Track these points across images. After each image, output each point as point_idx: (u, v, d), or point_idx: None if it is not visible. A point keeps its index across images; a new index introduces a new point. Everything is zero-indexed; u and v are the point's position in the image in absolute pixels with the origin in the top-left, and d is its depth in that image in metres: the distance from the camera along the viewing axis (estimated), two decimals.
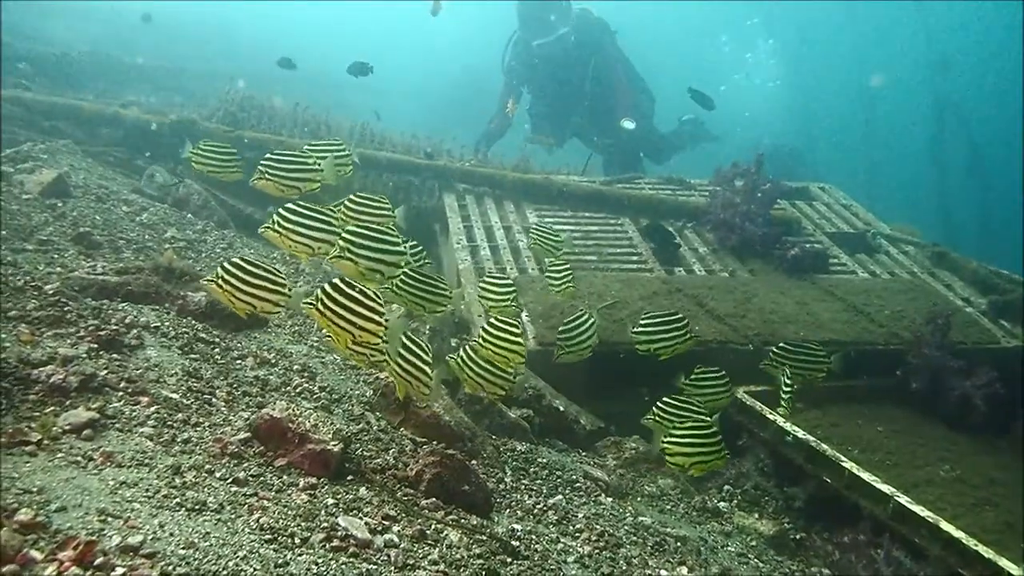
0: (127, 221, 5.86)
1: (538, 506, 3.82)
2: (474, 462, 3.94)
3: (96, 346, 3.47)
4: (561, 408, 5.20)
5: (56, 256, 4.69)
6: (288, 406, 3.27)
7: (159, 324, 3.98)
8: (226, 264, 3.04)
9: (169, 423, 3.12)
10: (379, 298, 3.04)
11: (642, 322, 4.24)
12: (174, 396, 3.33)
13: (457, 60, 23.12)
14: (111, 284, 4.23)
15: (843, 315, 6.38)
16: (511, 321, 3.59)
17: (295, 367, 4.22)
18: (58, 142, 7.19)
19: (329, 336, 3.14)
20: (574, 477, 4.41)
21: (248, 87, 9.68)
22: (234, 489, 2.81)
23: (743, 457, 5.45)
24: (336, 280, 3.02)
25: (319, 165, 3.80)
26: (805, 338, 5.77)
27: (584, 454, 5.00)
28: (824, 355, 4.33)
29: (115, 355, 3.48)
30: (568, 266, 4.67)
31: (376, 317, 3.01)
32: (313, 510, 2.82)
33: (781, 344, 4.34)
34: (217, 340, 4.13)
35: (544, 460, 4.46)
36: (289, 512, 2.75)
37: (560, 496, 4.04)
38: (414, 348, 3.18)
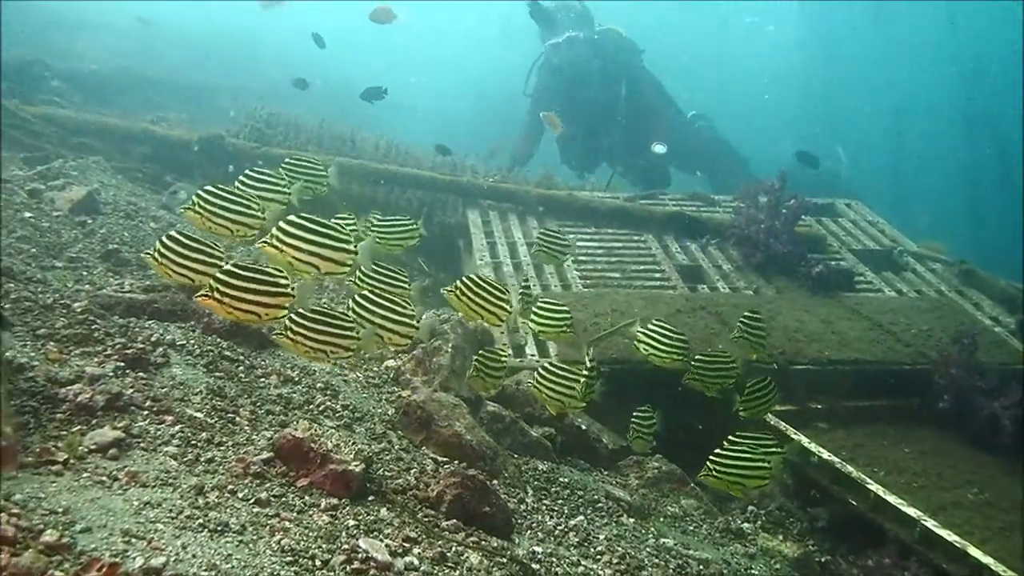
0: (155, 238, 5.93)
1: (559, 527, 3.81)
2: (495, 482, 3.93)
3: (123, 364, 3.51)
4: (583, 427, 5.18)
5: (85, 273, 4.76)
6: (310, 426, 3.29)
7: (185, 342, 4.02)
8: (164, 239, 3.06)
9: (193, 442, 3.15)
10: (280, 273, 3.03)
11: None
12: (198, 415, 3.36)
13: (484, 75, 23.14)
14: (138, 302, 4.29)
15: (869, 334, 6.32)
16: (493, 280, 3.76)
17: (318, 385, 4.25)
18: (88, 159, 7.30)
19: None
20: (596, 497, 4.39)
21: (273, 102, 9.79)
22: (256, 510, 2.83)
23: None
24: (228, 266, 2.99)
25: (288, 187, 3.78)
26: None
27: (606, 473, 4.98)
28: (733, 362, 4.32)
29: (141, 374, 3.52)
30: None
31: (281, 291, 3.01)
32: (334, 531, 2.83)
33: (697, 356, 4.30)
34: (241, 358, 4.16)
35: (566, 480, 4.45)
36: (311, 533, 2.77)
37: (581, 517, 4.03)
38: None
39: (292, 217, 3.16)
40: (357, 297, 3.37)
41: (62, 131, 8.22)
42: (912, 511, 4.47)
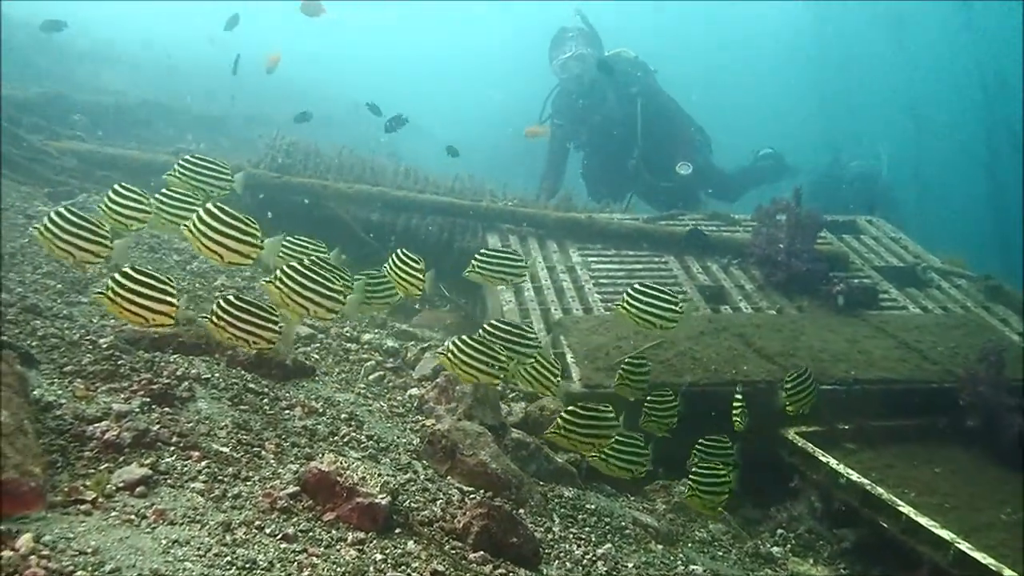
0: (178, 270, 5.99)
1: (587, 556, 3.77)
2: (521, 511, 3.91)
3: (149, 400, 3.52)
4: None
5: None
6: (336, 459, 3.29)
7: (209, 375, 4.04)
8: (51, 214, 3.28)
9: (220, 478, 3.15)
10: (168, 280, 3.23)
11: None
12: (224, 450, 3.37)
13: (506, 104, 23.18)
14: (163, 336, 4.31)
15: (895, 352, 6.24)
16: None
17: (342, 416, 4.25)
18: None
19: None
20: (623, 524, 4.36)
21: (290, 130, 9.86)
22: (284, 545, 2.82)
23: (796, 500, 5.36)
24: (125, 269, 3.18)
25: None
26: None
27: (633, 499, 4.95)
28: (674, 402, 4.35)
29: (167, 409, 3.53)
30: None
31: (167, 299, 3.20)
32: (362, 566, 2.82)
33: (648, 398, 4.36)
34: (266, 390, 4.18)
35: (592, 506, 4.42)
36: (338, 569, 2.76)
37: (609, 544, 3.99)
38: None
39: (209, 206, 3.41)
40: (285, 268, 3.49)
41: (86, 165, 8.32)
42: (945, 533, 4.40)
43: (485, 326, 3.96)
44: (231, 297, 3.37)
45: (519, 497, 4.05)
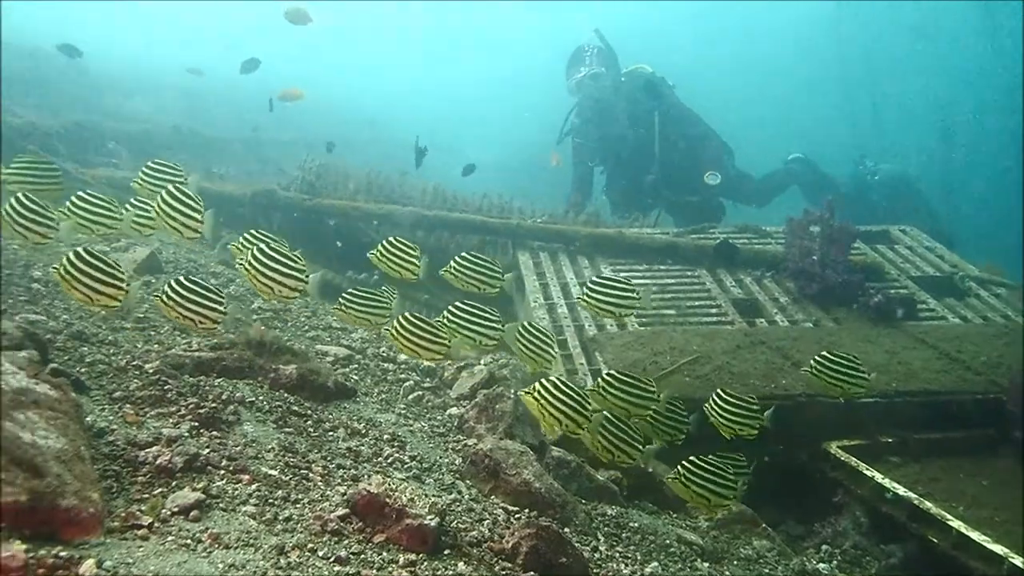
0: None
1: (635, 575, 3.74)
2: (567, 529, 3.89)
3: (197, 424, 3.55)
4: (649, 468, 5.12)
5: (153, 333, 4.85)
6: (384, 480, 3.29)
7: (254, 398, 4.06)
8: (12, 200, 3.60)
9: (270, 500, 3.16)
10: (117, 266, 3.44)
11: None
12: (273, 472, 3.38)
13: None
14: (207, 360, 4.35)
15: (936, 363, 6.17)
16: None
17: (385, 436, 4.26)
18: None
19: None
20: (667, 541, 4.32)
21: (320, 152, 9.96)
22: (337, 568, 2.82)
23: (840, 515, 5.30)
24: (77, 249, 3.37)
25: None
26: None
27: (675, 516, 4.91)
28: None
29: (215, 432, 3.55)
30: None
31: (115, 282, 3.41)
32: None
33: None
34: (309, 412, 4.19)
35: (636, 524, 4.39)
36: None
37: (656, 563, 3.95)
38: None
39: (170, 187, 3.83)
40: (253, 252, 3.77)
41: (120, 192, 8.43)
42: (998, 548, 4.33)
43: (448, 308, 4.15)
44: (181, 278, 3.59)
45: (563, 516, 4.02)
